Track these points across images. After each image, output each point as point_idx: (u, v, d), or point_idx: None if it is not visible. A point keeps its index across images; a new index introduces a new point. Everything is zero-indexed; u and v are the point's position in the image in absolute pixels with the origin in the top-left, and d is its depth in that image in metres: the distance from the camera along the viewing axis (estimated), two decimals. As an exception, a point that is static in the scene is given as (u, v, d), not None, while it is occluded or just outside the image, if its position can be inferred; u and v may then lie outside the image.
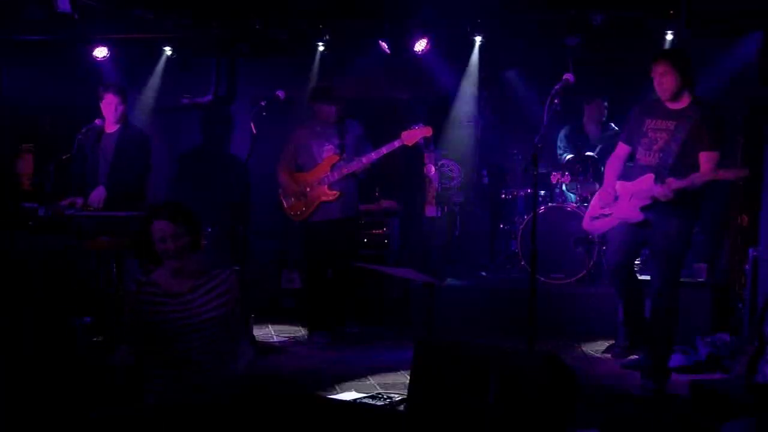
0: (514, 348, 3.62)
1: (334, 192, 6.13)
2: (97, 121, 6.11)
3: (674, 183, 4.62)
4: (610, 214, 5.01)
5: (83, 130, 6.07)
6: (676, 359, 5.56)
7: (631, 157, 5.12)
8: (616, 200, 4.98)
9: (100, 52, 7.73)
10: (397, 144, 5.99)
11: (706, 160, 4.65)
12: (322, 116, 6.21)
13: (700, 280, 6.39)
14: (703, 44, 7.00)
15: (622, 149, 5.07)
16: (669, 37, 6.99)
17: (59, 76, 7.76)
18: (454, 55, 7.82)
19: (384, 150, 6.01)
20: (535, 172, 4.37)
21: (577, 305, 6.45)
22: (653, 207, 4.78)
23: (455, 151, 8.03)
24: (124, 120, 6.15)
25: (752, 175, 6.24)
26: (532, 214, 5.58)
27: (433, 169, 7.60)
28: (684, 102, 4.74)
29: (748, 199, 6.51)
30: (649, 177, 4.77)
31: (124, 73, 7.87)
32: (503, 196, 7.76)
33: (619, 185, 4.99)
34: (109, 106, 6.06)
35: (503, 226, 7.67)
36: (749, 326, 5.09)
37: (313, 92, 6.35)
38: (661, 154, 4.73)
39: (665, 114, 4.77)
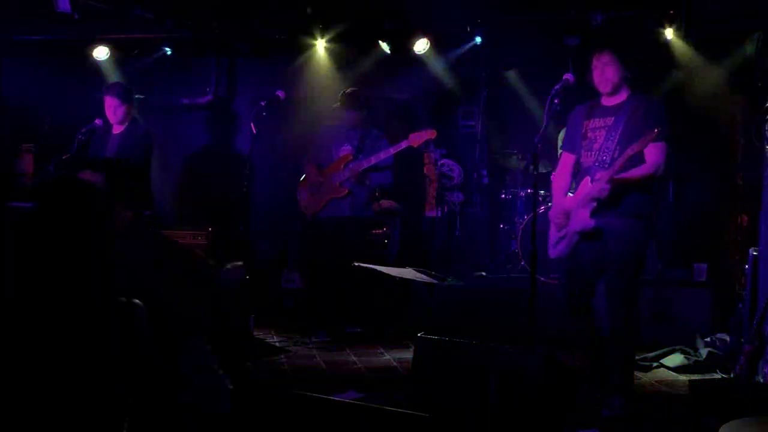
0: (514, 348, 3.62)
1: (344, 189, 6.23)
2: (97, 121, 6.10)
3: (604, 174, 4.28)
4: (565, 235, 4.53)
5: (83, 130, 6.06)
6: (676, 359, 5.56)
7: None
8: (568, 219, 4.52)
9: (100, 52, 7.73)
10: (404, 145, 6.10)
11: (652, 152, 4.30)
12: (347, 121, 6.36)
13: (700, 280, 6.39)
14: (703, 44, 7.01)
15: (566, 159, 4.65)
16: (669, 36, 6.98)
17: (59, 76, 7.76)
18: (454, 55, 7.83)
19: (392, 150, 6.14)
20: (535, 172, 4.34)
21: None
22: (601, 211, 4.36)
23: (455, 151, 8.03)
24: (130, 119, 6.13)
25: (753, 174, 6.28)
26: (532, 214, 5.58)
27: (433, 169, 7.60)
28: (622, 96, 4.46)
29: (748, 199, 6.51)
30: (587, 180, 4.44)
31: (124, 73, 7.87)
32: (503, 196, 7.76)
33: (567, 201, 4.57)
34: (109, 109, 6.05)
35: (503, 226, 7.66)
36: (749, 326, 5.08)
37: (341, 97, 6.46)
38: (599, 152, 4.41)
39: (603, 112, 4.48)
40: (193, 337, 2.95)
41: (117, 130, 6.10)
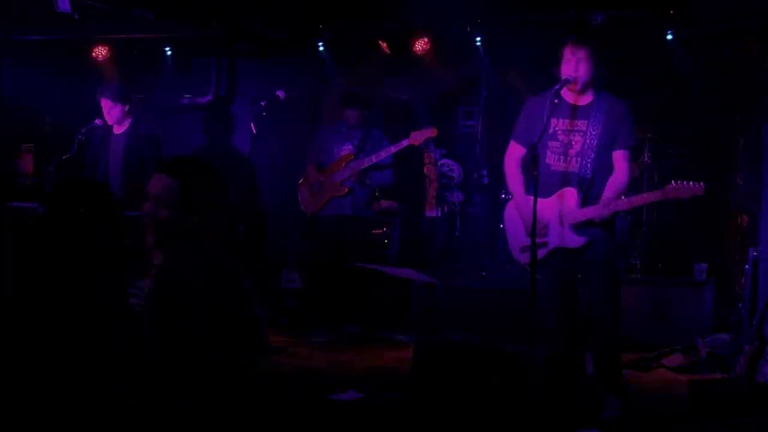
0: (514, 348, 3.62)
1: (345, 188, 6.28)
2: (97, 121, 6.10)
3: (612, 204, 4.18)
4: (546, 243, 4.32)
5: (83, 130, 6.06)
6: (676, 359, 5.56)
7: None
8: (546, 228, 4.31)
9: (100, 52, 7.73)
10: (405, 143, 6.15)
11: (621, 158, 4.25)
12: (348, 120, 6.37)
13: (700, 280, 6.39)
14: (703, 44, 7.01)
15: (518, 152, 4.42)
16: (669, 36, 6.98)
17: (59, 76, 7.76)
18: (454, 55, 7.83)
19: (393, 149, 6.19)
20: (536, 172, 4.28)
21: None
22: (588, 227, 4.26)
23: (455, 151, 8.03)
24: (129, 119, 6.12)
25: (754, 176, 6.29)
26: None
27: (433, 169, 7.60)
28: (589, 96, 4.31)
29: (748, 199, 6.51)
30: (571, 193, 4.26)
31: (124, 73, 7.87)
32: (503, 196, 7.75)
33: (543, 209, 4.22)
34: (104, 110, 6.07)
35: (503, 226, 7.65)
36: (749, 326, 5.08)
37: (342, 97, 6.49)
38: (578, 159, 4.25)
39: (573, 112, 4.29)
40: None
41: (118, 130, 6.11)
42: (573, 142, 4.29)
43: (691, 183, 4.13)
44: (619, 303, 4.44)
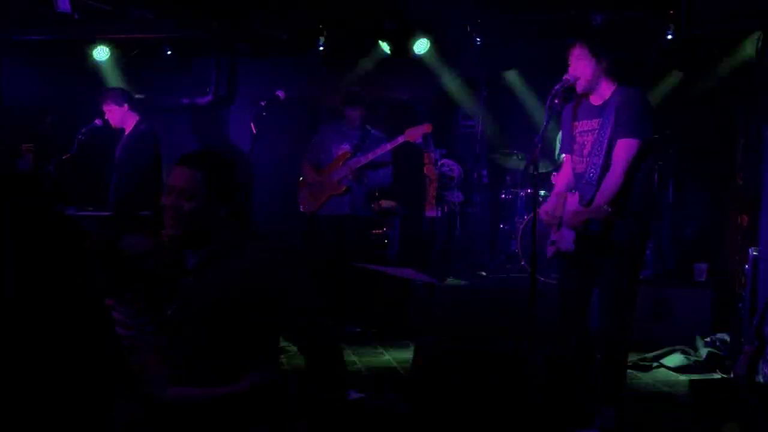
0: (514, 348, 3.62)
1: (342, 186, 6.30)
2: (97, 121, 6.11)
3: (577, 216, 4.03)
4: (555, 242, 4.27)
5: (83, 130, 6.07)
6: (676, 359, 5.57)
7: None
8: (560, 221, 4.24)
9: (100, 52, 7.73)
10: (401, 140, 6.19)
11: (618, 150, 4.02)
12: (349, 119, 6.43)
13: (700, 280, 6.39)
14: (703, 44, 7.01)
15: (566, 160, 4.34)
16: (669, 37, 6.98)
17: (59, 76, 7.75)
18: (454, 55, 7.83)
19: (389, 146, 6.22)
20: (535, 172, 4.26)
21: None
22: (586, 235, 4.07)
23: (455, 151, 8.04)
24: (135, 120, 6.14)
25: (752, 175, 6.29)
26: (532, 214, 5.57)
27: (433, 168, 7.61)
28: (606, 93, 4.15)
29: (748, 199, 6.51)
30: (573, 197, 4.17)
31: (124, 73, 7.87)
32: (503, 196, 7.76)
33: (568, 202, 4.21)
34: (107, 115, 6.09)
35: (503, 226, 7.67)
36: (749, 326, 5.08)
37: (342, 97, 6.54)
38: (589, 160, 4.12)
39: (589, 113, 4.20)
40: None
41: (127, 131, 6.16)
42: (586, 143, 4.21)
43: (601, 207, 3.99)
44: (626, 313, 4.25)
